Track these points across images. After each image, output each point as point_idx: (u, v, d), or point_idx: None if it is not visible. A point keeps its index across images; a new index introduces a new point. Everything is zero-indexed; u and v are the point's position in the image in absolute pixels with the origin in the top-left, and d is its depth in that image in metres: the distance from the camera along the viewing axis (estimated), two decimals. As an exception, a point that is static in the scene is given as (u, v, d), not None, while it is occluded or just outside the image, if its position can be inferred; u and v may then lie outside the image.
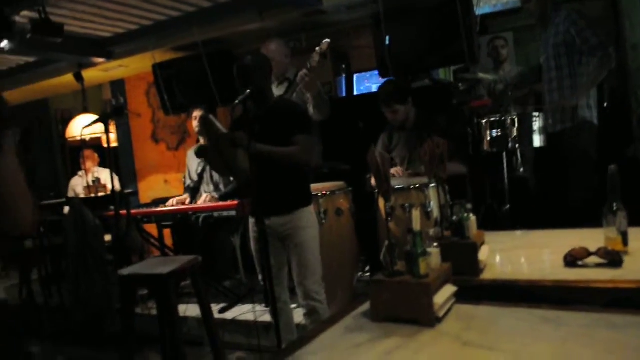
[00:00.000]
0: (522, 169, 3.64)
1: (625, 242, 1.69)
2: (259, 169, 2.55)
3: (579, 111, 3.28)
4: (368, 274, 4.00)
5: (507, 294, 1.52)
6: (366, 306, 1.45)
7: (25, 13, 3.94)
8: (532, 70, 4.68)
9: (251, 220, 2.84)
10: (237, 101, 2.53)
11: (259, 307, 3.63)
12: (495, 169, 3.59)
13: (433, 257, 1.39)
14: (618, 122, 4.36)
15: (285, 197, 2.71)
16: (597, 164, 3.26)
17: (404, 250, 1.36)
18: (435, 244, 1.46)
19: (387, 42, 4.09)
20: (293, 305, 3.07)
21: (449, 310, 1.36)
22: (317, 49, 3.44)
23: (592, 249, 1.63)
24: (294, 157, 2.66)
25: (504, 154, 3.46)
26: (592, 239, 1.75)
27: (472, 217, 1.73)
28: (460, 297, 1.43)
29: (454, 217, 1.72)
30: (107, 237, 4.29)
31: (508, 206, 3.41)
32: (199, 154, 2.61)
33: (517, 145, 3.24)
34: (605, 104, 3.96)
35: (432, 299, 1.29)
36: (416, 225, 1.35)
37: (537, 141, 3.26)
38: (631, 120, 4.69)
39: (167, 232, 4.57)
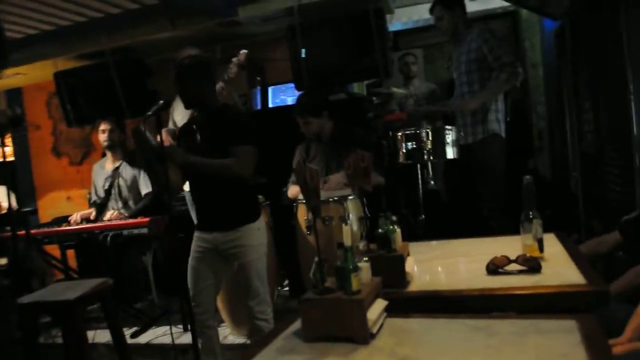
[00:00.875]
0: (432, 182, 3.75)
1: (541, 248, 1.76)
2: (201, 181, 2.40)
3: (489, 124, 3.43)
4: (287, 289, 3.94)
5: (435, 305, 1.52)
6: (296, 325, 1.40)
7: None
8: (442, 86, 4.89)
9: (196, 234, 2.64)
10: (149, 112, 2.35)
11: (175, 329, 3.44)
12: (409, 181, 3.67)
13: (364, 272, 1.36)
14: (520, 135, 4.63)
15: (229, 211, 2.54)
16: (505, 174, 3.42)
17: (335, 266, 1.32)
18: (365, 259, 1.43)
19: (303, 55, 4.08)
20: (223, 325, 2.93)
21: (382, 324, 1.33)
22: (235, 59, 3.36)
23: (511, 256, 1.67)
24: (229, 169, 2.45)
25: (418, 165, 3.54)
26: (509, 246, 1.81)
27: (398, 229, 1.73)
28: (390, 310, 1.41)
29: (380, 230, 1.71)
30: (2, 261, 3.93)
31: (423, 216, 3.48)
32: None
33: (431, 157, 3.32)
34: (508, 119, 4.18)
35: (366, 315, 1.25)
36: (347, 240, 1.31)
37: (450, 153, 3.36)
38: (532, 133, 5.01)
39: (70, 253, 4.26)
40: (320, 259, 1.33)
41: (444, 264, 1.94)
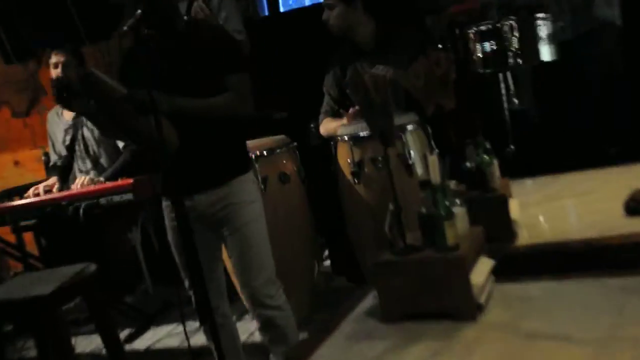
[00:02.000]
0: (516, 100, 3.70)
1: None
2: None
3: (597, 10, 3.34)
4: (329, 262, 3.98)
5: (559, 262, 1.51)
6: (368, 302, 1.40)
7: None
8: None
9: (165, 204, 2.71)
10: (125, 27, 2.35)
11: (181, 328, 3.53)
12: (489, 99, 3.62)
13: (460, 220, 1.34)
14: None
15: (214, 164, 2.59)
16: (624, 76, 3.34)
17: (418, 214, 1.30)
18: (459, 201, 1.40)
19: None
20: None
21: (490, 293, 1.33)
22: None
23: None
24: (230, 108, 2.53)
25: (500, 76, 3.49)
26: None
27: (495, 161, 1.71)
28: (497, 273, 1.41)
29: (468, 163, 1.68)
30: None
31: (512, 147, 3.45)
32: (59, 99, 2.43)
33: (520, 61, 3.26)
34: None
35: (470, 280, 1.24)
36: (434, 174, 1.28)
37: (545, 53, 3.29)
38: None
39: (28, 237, 4.37)
40: (397, 205, 1.31)
41: (560, 206, 1.94)
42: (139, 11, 2.37)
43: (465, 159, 1.69)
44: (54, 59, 4.08)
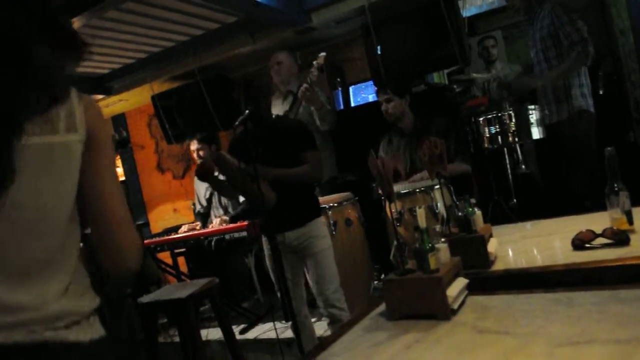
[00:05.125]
0: (523, 167, 3.68)
1: (630, 220, 1.72)
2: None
3: (574, 101, 3.31)
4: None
5: (519, 283, 1.54)
6: (382, 307, 1.48)
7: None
8: (527, 68, 4.74)
9: (264, 239, 2.89)
10: (237, 122, 2.58)
11: (279, 324, 3.64)
12: (499, 166, 3.62)
13: (442, 252, 1.42)
14: (615, 108, 4.39)
15: (297, 211, 2.77)
16: (597, 151, 3.28)
17: (413, 248, 1.40)
18: (443, 240, 1.49)
19: (379, 52, 4.15)
20: (313, 319, 3.10)
21: (463, 302, 1.39)
22: (315, 62, 3.50)
23: (599, 231, 1.65)
24: (308, 175, 2.74)
25: (505, 149, 3.50)
26: (598, 222, 1.77)
27: (478, 211, 1.77)
28: (474, 289, 1.46)
29: (460, 213, 1.76)
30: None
31: (514, 201, 3.43)
32: (199, 176, 2.64)
33: (516, 140, 3.27)
34: (601, 91, 3.99)
35: (445, 292, 1.32)
36: (422, 222, 1.39)
37: (536, 133, 3.29)
38: (629, 105, 4.73)
39: (181, 260, 4.60)
40: (400, 242, 1.42)
41: (529, 242, 1.94)
42: (247, 111, 2.61)
43: (458, 210, 1.78)
44: (192, 146, 4.36)
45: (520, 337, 1.13)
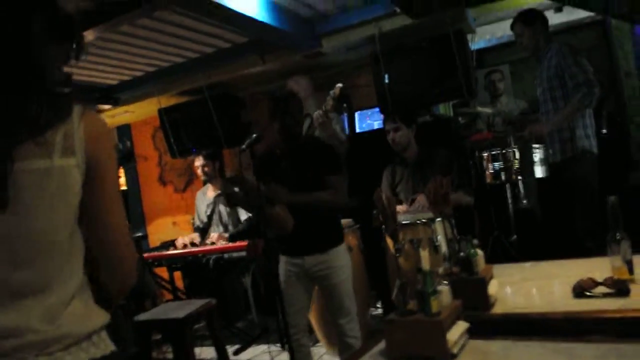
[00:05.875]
0: (525, 201, 3.69)
1: (631, 270, 1.72)
2: (291, 210, 2.57)
3: (578, 141, 3.33)
4: (380, 309, 4.00)
5: (518, 327, 1.55)
6: (381, 345, 1.48)
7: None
8: (532, 104, 4.78)
9: (282, 259, 2.82)
10: (244, 146, 2.56)
11: (274, 347, 3.62)
12: (500, 201, 3.63)
13: (444, 295, 1.43)
14: (618, 149, 4.43)
15: (319, 236, 2.70)
16: (599, 192, 3.30)
17: (415, 290, 1.40)
18: (445, 282, 1.50)
19: (387, 80, 4.19)
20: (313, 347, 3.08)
21: (463, 346, 1.40)
22: (331, 92, 3.53)
23: (600, 278, 1.65)
24: (331, 202, 2.66)
25: (507, 185, 3.51)
26: (599, 268, 1.78)
27: (480, 252, 1.77)
28: (473, 332, 1.47)
29: (461, 253, 1.77)
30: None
31: (515, 237, 3.44)
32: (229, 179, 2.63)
33: (519, 177, 3.29)
34: (604, 131, 4.03)
35: (446, 336, 1.32)
36: (425, 264, 1.40)
37: (539, 172, 3.31)
38: (629, 147, 4.77)
39: (177, 275, 4.59)
40: (402, 282, 1.43)
41: (530, 285, 1.94)
42: (255, 135, 2.59)
43: (460, 250, 1.78)
44: (196, 162, 4.37)
45: (519, 388, 1.14)
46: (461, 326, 1.43)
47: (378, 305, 4.06)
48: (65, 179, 0.99)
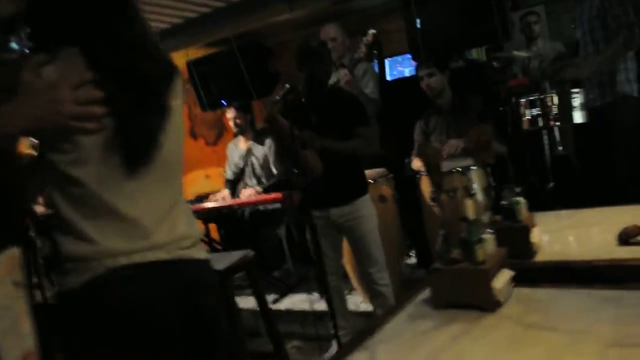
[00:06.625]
0: (560, 148, 3.62)
1: (679, 217, 1.69)
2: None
3: (618, 86, 3.22)
4: (413, 258, 4.04)
5: (562, 275, 1.54)
6: (426, 293, 1.50)
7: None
8: (569, 46, 4.61)
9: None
10: (278, 97, 2.55)
11: (311, 296, 3.71)
12: (536, 148, 3.57)
13: (488, 243, 1.43)
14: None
15: (344, 187, 2.72)
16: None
17: (460, 238, 1.40)
18: (489, 230, 1.49)
19: (418, 25, 4.07)
20: (347, 293, 3.15)
21: (509, 294, 1.40)
22: (364, 39, 3.46)
23: (645, 225, 1.63)
24: (359, 150, 2.70)
25: (544, 131, 3.44)
26: (643, 215, 1.76)
27: (522, 200, 1.76)
28: (518, 280, 1.47)
29: (504, 202, 1.76)
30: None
31: (552, 184, 3.39)
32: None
33: (557, 123, 3.21)
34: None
35: (491, 284, 1.33)
36: (470, 213, 1.39)
37: (578, 117, 3.22)
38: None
39: (212, 227, 4.67)
40: (447, 232, 1.43)
41: (572, 233, 1.93)
42: (287, 86, 2.57)
43: (502, 199, 1.77)
44: (228, 114, 4.36)
45: (569, 334, 1.14)
46: (506, 274, 1.43)
47: (411, 254, 4.09)
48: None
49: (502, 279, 1.40)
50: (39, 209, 1.38)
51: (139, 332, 1.16)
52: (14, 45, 1.23)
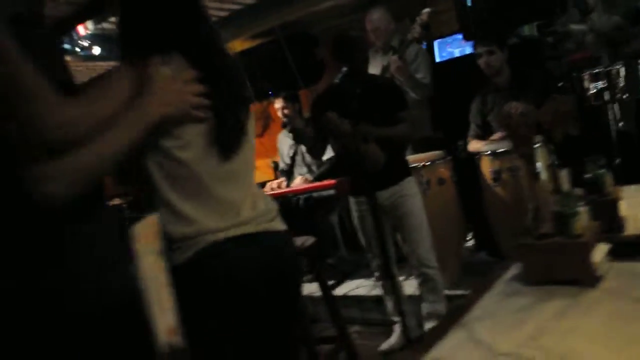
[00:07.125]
0: (621, 123, 3.45)
1: None
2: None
3: None
4: (471, 240, 3.94)
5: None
6: (513, 271, 1.44)
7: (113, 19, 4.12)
8: (627, 15, 4.38)
9: (352, 200, 2.89)
10: (336, 80, 2.52)
11: (368, 282, 3.67)
12: (598, 123, 3.42)
13: (583, 216, 1.35)
14: None
15: (389, 170, 2.70)
16: None
17: (554, 211, 1.33)
18: (582, 203, 1.41)
19: (469, 3, 3.94)
20: (401, 278, 3.11)
21: (607, 268, 1.32)
22: (418, 19, 3.37)
23: None
24: (406, 135, 2.75)
25: (609, 105, 3.28)
26: None
27: (608, 173, 1.67)
28: (611, 254, 1.39)
29: (588, 175, 1.67)
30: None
31: (619, 160, 3.24)
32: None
33: (624, 96, 3.06)
34: None
35: (591, 258, 1.26)
36: (564, 184, 1.32)
37: (642, 90, 3.06)
38: None
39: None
40: (537, 205, 1.36)
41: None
42: (345, 69, 2.51)
43: (585, 172, 1.68)
44: (277, 104, 4.34)
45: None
46: (603, 248, 1.35)
47: (468, 237, 3.99)
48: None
49: (600, 252, 1.32)
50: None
51: (238, 295, 1.28)
52: (65, 45, 1.32)
